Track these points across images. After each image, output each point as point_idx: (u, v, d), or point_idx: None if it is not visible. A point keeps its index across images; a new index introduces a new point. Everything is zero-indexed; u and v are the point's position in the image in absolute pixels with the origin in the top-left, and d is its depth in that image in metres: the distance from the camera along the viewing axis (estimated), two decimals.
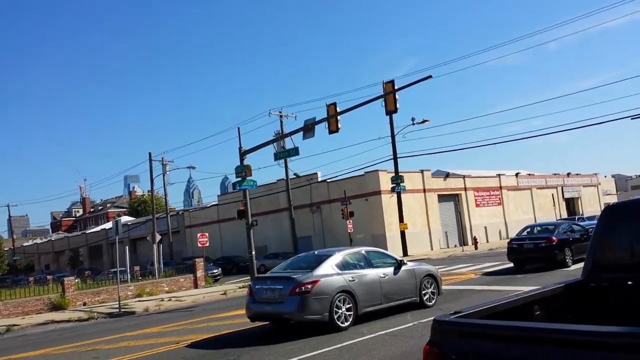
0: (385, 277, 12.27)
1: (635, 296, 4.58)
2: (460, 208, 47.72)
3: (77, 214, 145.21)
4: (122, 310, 20.82)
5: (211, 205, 60.10)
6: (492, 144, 58.04)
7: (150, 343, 12.08)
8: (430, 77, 21.29)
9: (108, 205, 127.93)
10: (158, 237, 36.34)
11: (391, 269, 12.57)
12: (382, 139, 41.25)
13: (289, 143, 34.53)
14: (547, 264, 19.68)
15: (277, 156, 29.22)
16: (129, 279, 28.38)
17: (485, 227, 48.54)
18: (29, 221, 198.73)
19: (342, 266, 11.91)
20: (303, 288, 10.94)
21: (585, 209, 61.84)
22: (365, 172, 40.86)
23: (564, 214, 57.52)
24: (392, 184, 37.93)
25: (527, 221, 54.19)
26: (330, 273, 11.49)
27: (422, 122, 36.79)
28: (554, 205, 58.81)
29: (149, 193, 59.55)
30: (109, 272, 37.91)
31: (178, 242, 55.47)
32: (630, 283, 4.64)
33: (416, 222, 41.35)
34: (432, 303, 13.07)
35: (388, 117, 36.70)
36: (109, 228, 63.53)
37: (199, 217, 56.74)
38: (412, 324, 10.94)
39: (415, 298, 12.80)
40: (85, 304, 24.22)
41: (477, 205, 49.25)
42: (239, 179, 26.16)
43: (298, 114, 40.67)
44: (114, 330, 15.43)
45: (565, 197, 61.56)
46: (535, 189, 57.26)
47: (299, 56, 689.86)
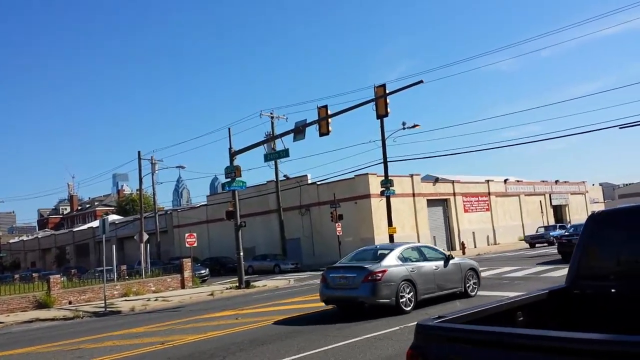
0: (437, 269, 14.02)
1: (618, 304, 4.62)
2: (448, 213, 47.96)
3: (65, 212, 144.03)
4: (108, 309, 20.69)
5: (200, 205, 59.98)
6: (482, 150, 58.29)
7: (135, 343, 12.00)
8: (421, 82, 21.41)
9: (96, 203, 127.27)
10: (145, 237, 36.17)
11: (442, 262, 14.30)
12: (373, 143, 41.37)
13: (280, 145, 34.62)
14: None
15: (268, 157, 29.22)
16: (116, 278, 28.19)
17: (473, 233, 48.86)
18: (16, 218, 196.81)
19: (404, 259, 13.65)
20: (375, 276, 12.58)
21: (572, 217, 62.47)
22: (355, 175, 40.97)
23: (552, 221, 58.05)
24: (382, 188, 37.99)
25: (515, 227, 54.96)
26: (395, 264, 13.19)
27: (413, 127, 36.90)
28: (542, 212, 59.34)
29: (138, 192, 59.22)
30: (96, 271, 37.54)
31: (166, 242, 55.22)
32: (613, 291, 4.68)
33: (405, 226, 41.46)
34: (474, 293, 14.77)
35: (379, 121, 36.78)
36: (97, 226, 63.24)
37: (188, 217, 56.55)
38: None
39: (460, 288, 14.50)
40: (71, 303, 24.05)
41: (466, 210, 49.52)
42: (229, 180, 26.14)
43: (289, 116, 40.69)
44: (99, 329, 15.31)
45: (553, 204, 62.11)
46: (523, 196, 57.72)
47: (293, 57, 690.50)
